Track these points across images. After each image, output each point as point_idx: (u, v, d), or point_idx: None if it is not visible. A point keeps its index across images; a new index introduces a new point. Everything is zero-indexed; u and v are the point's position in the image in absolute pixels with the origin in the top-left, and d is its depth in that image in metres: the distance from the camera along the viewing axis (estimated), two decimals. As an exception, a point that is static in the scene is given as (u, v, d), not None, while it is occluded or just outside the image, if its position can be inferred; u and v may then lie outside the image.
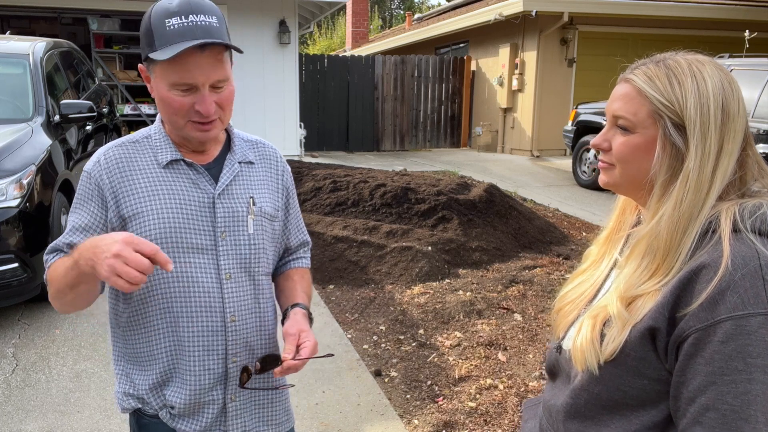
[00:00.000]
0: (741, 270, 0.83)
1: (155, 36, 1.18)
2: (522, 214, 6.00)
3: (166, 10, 1.18)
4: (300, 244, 1.55)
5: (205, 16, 1.19)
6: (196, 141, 1.29)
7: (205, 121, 1.23)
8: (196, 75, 1.18)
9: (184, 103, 1.21)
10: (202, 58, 1.18)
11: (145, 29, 1.21)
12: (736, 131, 0.92)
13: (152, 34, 1.19)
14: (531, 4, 10.63)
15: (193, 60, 1.17)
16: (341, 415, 2.96)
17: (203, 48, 1.17)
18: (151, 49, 1.19)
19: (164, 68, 1.19)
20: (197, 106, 1.21)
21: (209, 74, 1.19)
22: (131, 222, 1.26)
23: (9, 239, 3.73)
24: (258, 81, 10.23)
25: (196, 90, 1.20)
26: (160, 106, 1.25)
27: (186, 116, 1.23)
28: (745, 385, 0.81)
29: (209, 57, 1.19)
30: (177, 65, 1.17)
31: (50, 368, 3.39)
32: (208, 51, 1.18)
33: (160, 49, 1.17)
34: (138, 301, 1.30)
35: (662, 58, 0.97)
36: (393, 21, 35.99)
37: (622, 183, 1.01)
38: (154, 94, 1.26)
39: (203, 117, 1.22)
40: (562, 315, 1.10)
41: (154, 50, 1.18)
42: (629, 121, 0.96)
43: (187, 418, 1.33)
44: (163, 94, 1.21)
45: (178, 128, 1.26)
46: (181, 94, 1.20)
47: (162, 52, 1.16)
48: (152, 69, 1.23)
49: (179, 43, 1.16)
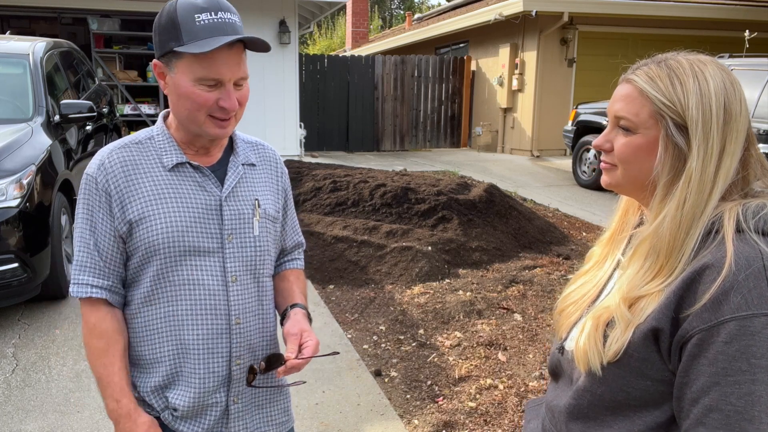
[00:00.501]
0: (744, 270, 0.83)
1: (183, 30, 1.18)
2: (522, 214, 6.00)
3: (195, 6, 1.18)
4: (295, 246, 1.56)
5: (231, 14, 1.22)
6: (212, 138, 1.28)
7: (225, 117, 1.24)
8: (223, 71, 1.19)
9: (209, 98, 1.21)
10: (230, 54, 1.19)
11: (169, 22, 1.20)
12: (739, 131, 0.92)
13: (179, 28, 1.18)
14: (531, 4, 10.63)
15: (222, 56, 1.18)
16: (341, 415, 2.96)
17: (231, 45, 1.19)
18: (178, 43, 1.18)
19: (191, 62, 1.18)
20: (221, 101, 1.21)
21: (235, 71, 1.21)
22: (138, 226, 1.25)
23: (9, 239, 3.72)
24: (258, 81, 10.23)
25: (221, 86, 1.21)
26: (180, 102, 1.23)
27: (208, 111, 1.22)
28: (748, 386, 0.81)
29: (235, 54, 1.20)
30: (207, 60, 1.18)
31: (50, 368, 3.38)
32: (235, 48, 1.20)
33: (190, 43, 1.17)
34: (141, 304, 1.29)
35: (664, 59, 0.97)
36: (393, 21, 36.00)
37: (624, 184, 1.01)
38: (170, 89, 1.24)
39: (225, 113, 1.23)
40: (565, 315, 1.10)
41: (182, 44, 1.18)
42: (631, 121, 0.96)
43: (190, 420, 1.33)
44: (186, 89, 1.21)
45: (197, 124, 1.24)
46: (206, 89, 1.20)
47: (193, 46, 1.16)
48: (174, 64, 1.21)
49: (214, 38, 1.16)
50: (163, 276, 1.27)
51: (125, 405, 1.26)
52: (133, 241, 1.26)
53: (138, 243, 1.26)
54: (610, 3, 11.02)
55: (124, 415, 1.25)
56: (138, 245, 1.26)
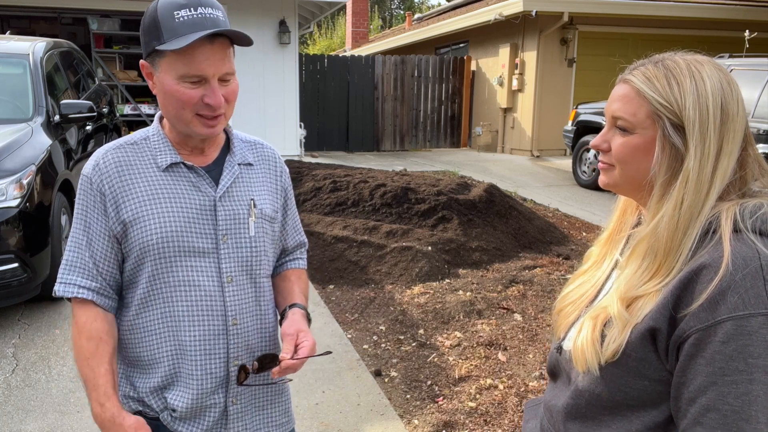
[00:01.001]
0: (742, 270, 0.83)
1: (163, 28, 1.17)
2: (522, 214, 6.00)
3: (174, 3, 1.18)
4: (297, 245, 1.55)
5: (213, 9, 1.20)
6: (201, 137, 1.27)
7: (212, 115, 1.23)
8: (205, 67, 1.18)
9: (192, 96, 1.20)
10: (212, 49, 1.18)
11: (151, 22, 1.20)
12: (736, 131, 0.92)
13: (159, 26, 1.18)
14: (531, 4, 10.63)
15: (204, 51, 1.17)
16: (341, 415, 2.96)
17: (213, 40, 1.17)
18: (159, 41, 1.18)
19: (173, 60, 1.18)
20: (206, 98, 1.20)
21: (218, 66, 1.19)
22: (132, 227, 1.25)
23: (9, 239, 3.73)
24: (258, 81, 10.23)
25: (205, 82, 1.20)
26: (166, 101, 1.23)
27: (194, 110, 1.21)
28: (746, 386, 0.81)
29: (218, 49, 1.19)
30: (187, 56, 1.17)
31: (50, 368, 3.39)
32: (217, 43, 1.19)
33: (170, 41, 1.17)
34: (139, 306, 1.29)
35: (661, 59, 0.97)
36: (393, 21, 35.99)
37: (621, 183, 1.01)
38: (158, 89, 1.24)
39: (212, 110, 1.22)
40: (563, 315, 1.10)
41: (162, 42, 1.17)
42: (628, 121, 0.96)
43: (189, 421, 1.33)
44: (170, 87, 1.20)
45: (184, 123, 1.24)
46: (190, 87, 1.19)
47: (173, 43, 1.16)
48: (158, 63, 1.21)
49: (191, 34, 1.15)
50: (159, 277, 1.27)
51: (109, 409, 1.24)
52: (128, 241, 1.26)
53: (132, 243, 1.26)
54: (610, 3, 11.01)
55: (108, 419, 1.24)
56: (132, 246, 1.26)
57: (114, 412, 1.24)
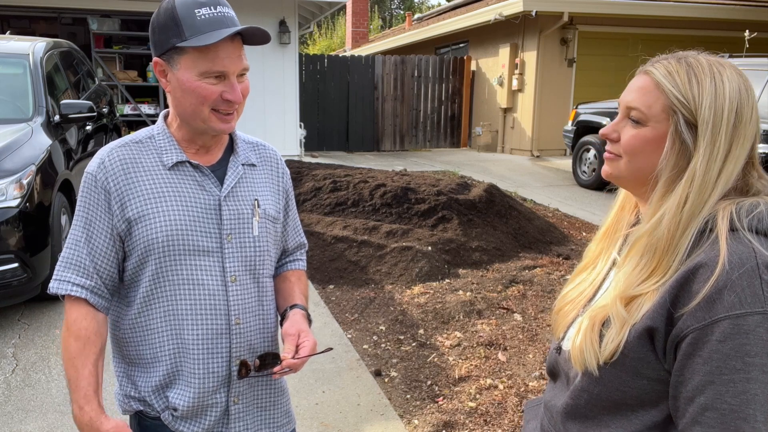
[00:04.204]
0: (738, 269, 0.83)
1: (184, 26, 1.19)
2: (522, 214, 6.00)
3: (194, 1, 1.21)
4: (297, 246, 1.56)
5: (228, 9, 1.25)
6: (217, 133, 1.29)
7: (229, 111, 1.25)
8: (228, 63, 1.21)
9: (214, 92, 1.22)
10: (232, 47, 1.21)
11: (170, 19, 1.21)
12: (746, 137, 0.92)
13: (180, 23, 1.19)
14: (531, 4, 10.63)
15: (226, 49, 1.20)
16: (341, 415, 2.96)
17: (233, 38, 1.21)
18: (180, 38, 1.19)
19: (195, 57, 1.20)
20: (226, 94, 1.23)
21: (237, 63, 1.23)
22: (137, 224, 1.25)
23: (9, 239, 3.73)
24: (258, 81, 10.23)
25: (224, 78, 1.23)
26: (184, 98, 1.24)
27: (212, 105, 1.23)
28: (743, 385, 0.81)
29: (237, 47, 1.23)
30: (211, 53, 1.19)
31: (50, 368, 3.39)
32: (236, 41, 1.22)
33: (193, 38, 1.18)
34: (141, 304, 1.29)
35: (684, 56, 0.97)
36: (393, 21, 35.99)
37: (625, 176, 1.01)
38: (173, 86, 1.24)
39: (230, 105, 1.24)
40: (562, 315, 1.10)
41: (184, 39, 1.19)
42: (642, 113, 0.96)
43: (190, 420, 1.33)
44: (190, 83, 1.21)
45: (201, 120, 1.25)
46: (212, 82, 1.22)
47: (197, 40, 1.18)
48: (176, 60, 1.22)
49: (215, 31, 1.18)
50: (163, 275, 1.27)
51: (87, 412, 1.23)
52: (132, 239, 1.26)
53: (137, 241, 1.26)
54: (610, 3, 11.01)
55: (86, 422, 1.23)
56: (137, 243, 1.26)
57: (92, 415, 1.23)
